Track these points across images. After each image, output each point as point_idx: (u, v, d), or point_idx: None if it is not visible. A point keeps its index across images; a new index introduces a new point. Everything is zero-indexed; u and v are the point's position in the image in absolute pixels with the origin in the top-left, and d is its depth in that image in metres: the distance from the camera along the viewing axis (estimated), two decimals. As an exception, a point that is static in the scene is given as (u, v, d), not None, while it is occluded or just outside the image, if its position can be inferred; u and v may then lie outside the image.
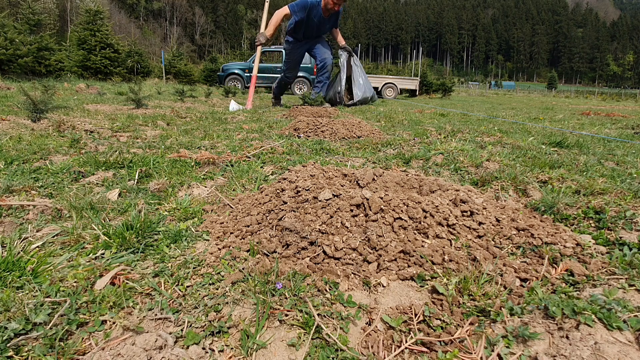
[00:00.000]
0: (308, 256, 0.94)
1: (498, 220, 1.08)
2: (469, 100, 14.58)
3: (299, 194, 1.12)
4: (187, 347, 0.64)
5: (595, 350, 0.61)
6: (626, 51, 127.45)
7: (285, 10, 5.09)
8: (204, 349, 0.65)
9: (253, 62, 13.56)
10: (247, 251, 0.98)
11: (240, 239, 1.04)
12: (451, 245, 0.98)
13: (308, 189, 1.11)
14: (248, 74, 13.63)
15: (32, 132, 2.44)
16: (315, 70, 5.82)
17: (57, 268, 0.86)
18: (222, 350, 0.65)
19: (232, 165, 1.81)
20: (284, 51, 5.99)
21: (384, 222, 0.99)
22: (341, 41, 5.96)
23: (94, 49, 12.88)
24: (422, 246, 0.95)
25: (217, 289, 0.81)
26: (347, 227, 0.98)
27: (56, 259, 0.90)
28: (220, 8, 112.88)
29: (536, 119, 5.22)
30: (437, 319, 0.73)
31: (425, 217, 1.03)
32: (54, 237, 1.03)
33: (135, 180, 1.53)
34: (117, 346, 0.64)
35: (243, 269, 0.88)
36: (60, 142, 2.16)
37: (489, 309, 0.74)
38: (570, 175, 1.68)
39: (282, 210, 1.09)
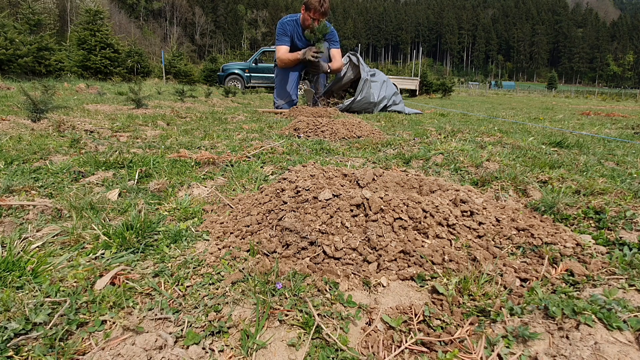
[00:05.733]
0: (308, 256, 0.94)
1: (498, 220, 1.08)
2: (469, 100, 14.58)
3: (299, 194, 1.12)
4: (187, 347, 0.64)
5: (595, 350, 0.61)
6: (626, 51, 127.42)
7: (280, 48, 4.66)
8: (204, 349, 0.65)
9: (253, 62, 13.63)
10: (247, 251, 0.98)
11: (240, 239, 1.04)
12: (451, 245, 0.98)
13: (308, 189, 1.11)
14: (248, 74, 13.64)
15: (32, 132, 2.44)
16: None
17: (57, 268, 0.86)
18: (222, 350, 0.65)
19: (232, 165, 1.81)
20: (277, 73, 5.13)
21: (384, 222, 0.99)
22: (332, 65, 4.75)
23: (94, 49, 12.89)
24: (422, 246, 0.95)
25: (217, 289, 0.81)
26: (347, 227, 0.98)
27: (56, 259, 0.90)
28: (220, 8, 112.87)
29: (536, 119, 5.22)
30: (437, 319, 0.73)
31: (425, 217, 1.03)
32: (54, 237, 1.03)
33: (135, 180, 1.53)
34: (117, 346, 0.64)
35: (243, 269, 0.88)
36: (60, 142, 2.16)
37: (489, 309, 0.74)
38: (570, 175, 1.68)
39: (282, 210, 1.09)
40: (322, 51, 4.48)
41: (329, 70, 4.74)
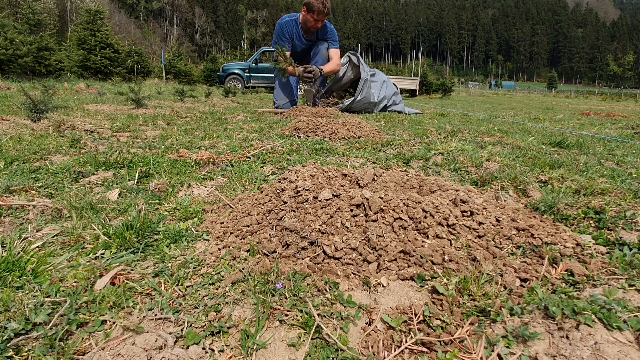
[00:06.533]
0: (308, 256, 0.94)
1: (498, 220, 1.08)
2: (469, 100, 14.58)
3: (299, 194, 1.12)
4: (187, 347, 0.64)
5: (595, 350, 0.61)
6: (626, 51, 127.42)
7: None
8: (204, 349, 0.65)
9: (253, 62, 13.64)
10: (247, 251, 0.98)
11: (240, 239, 1.04)
12: (451, 245, 0.98)
13: (308, 189, 1.11)
14: (248, 74, 13.65)
15: (32, 132, 2.44)
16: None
17: (57, 268, 0.86)
18: (222, 350, 0.65)
19: (232, 165, 1.81)
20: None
21: (384, 222, 0.99)
22: (325, 67, 4.69)
23: (94, 49, 12.89)
24: (422, 246, 0.95)
25: (217, 289, 0.81)
26: (347, 227, 0.98)
27: (56, 259, 0.90)
28: (220, 8, 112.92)
29: (536, 119, 5.22)
30: (437, 319, 0.73)
31: (425, 217, 1.03)
32: (54, 237, 1.03)
33: (135, 180, 1.53)
34: (117, 346, 0.64)
35: (243, 269, 0.88)
36: (60, 142, 2.16)
37: (489, 309, 0.74)
38: (570, 175, 1.68)
39: (282, 210, 1.09)
40: (315, 76, 4.54)
41: (321, 75, 4.68)
